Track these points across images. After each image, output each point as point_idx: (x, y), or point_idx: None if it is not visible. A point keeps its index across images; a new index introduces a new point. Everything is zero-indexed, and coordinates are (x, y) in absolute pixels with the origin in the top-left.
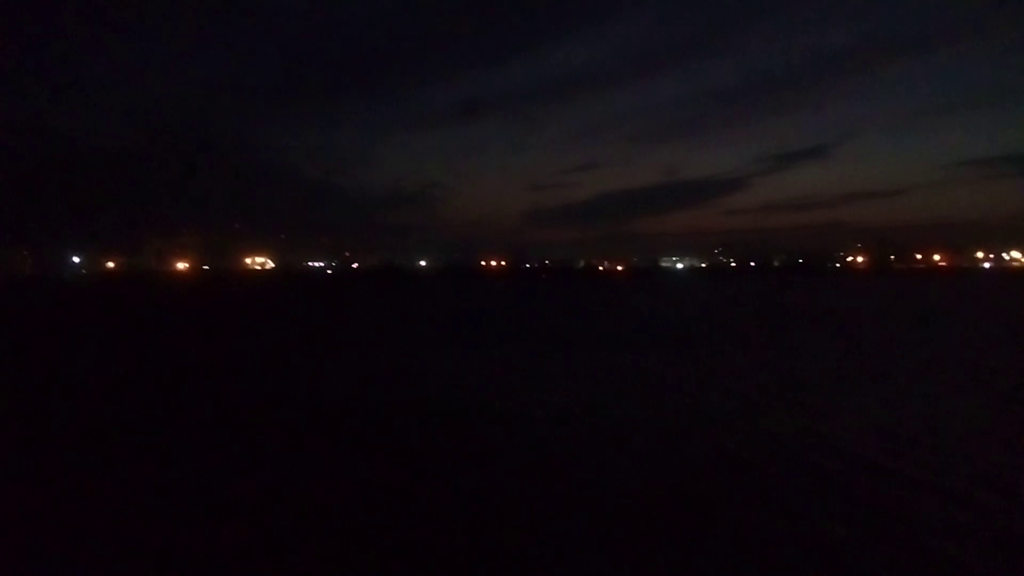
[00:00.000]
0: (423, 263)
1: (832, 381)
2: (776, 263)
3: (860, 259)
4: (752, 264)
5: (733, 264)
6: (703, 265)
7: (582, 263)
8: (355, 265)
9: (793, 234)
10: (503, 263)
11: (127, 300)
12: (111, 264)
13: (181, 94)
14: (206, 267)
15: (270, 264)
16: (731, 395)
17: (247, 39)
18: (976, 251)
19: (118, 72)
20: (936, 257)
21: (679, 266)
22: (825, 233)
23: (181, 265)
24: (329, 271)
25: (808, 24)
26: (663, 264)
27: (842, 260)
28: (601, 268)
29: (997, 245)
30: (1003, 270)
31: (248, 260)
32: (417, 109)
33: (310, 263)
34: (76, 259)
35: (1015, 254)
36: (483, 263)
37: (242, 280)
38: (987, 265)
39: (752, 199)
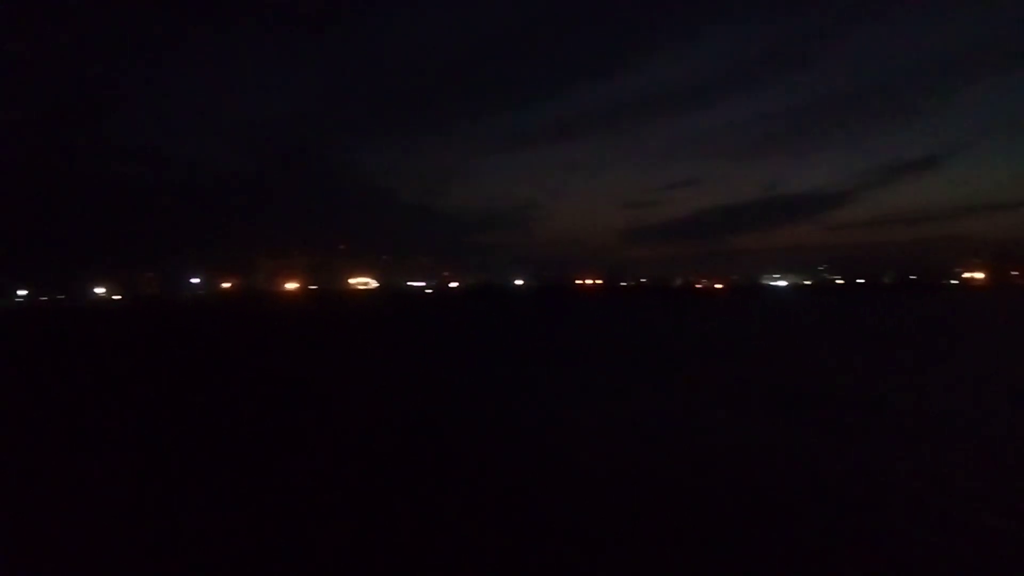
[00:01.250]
0: (519, 282)
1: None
2: (886, 280)
3: (978, 274)
4: (860, 281)
5: (840, 281)
6: (807, 283)
7: (679, 281)
8: (453, 285)
9: (904, 249)
10: (598, 281)
11: (246, 316)
12: (226, 284)
13: (290, 121)
14: (313, 287)
15: (373, 284)
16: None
17: (350, 66)
18: None
19: (232, 102)
20: None
21: (781, 284)
22: (939, 248)
23: (290, 285)
24: (429, 291)
25: (918, 31)
26: (765, 282)
27: (958, 276)
28: (699, 286)
29: None
30: None
31: (352, 280)
32: (511, 130)
33: (411, 283)
34: (195, 280)
35: None
36: (578, 281)
37: (347, 299)
38: None
39: (858, 213)
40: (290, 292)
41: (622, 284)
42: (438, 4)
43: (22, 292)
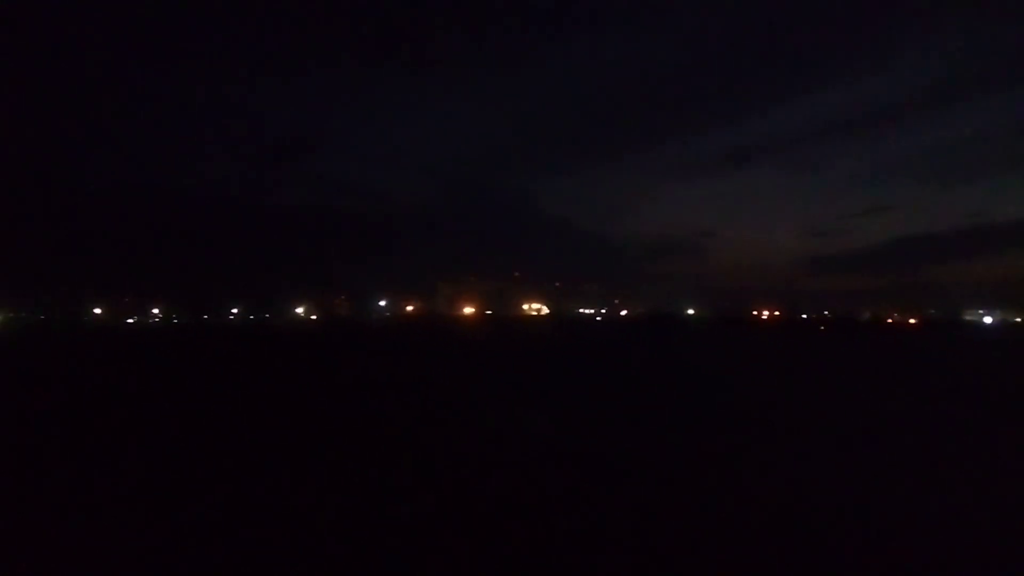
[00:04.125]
0: (691, 311)
1: None
2: None
3: None
4: None
5: None
6: (1019, 320)
7: (868, 314)
8: (624, 312)
9: None
10: (777, 313)
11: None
12: (410, 307)
13: (471, 154)
14: (489, 312)
15: (545, 310)
16: None
17: (527, 99)
18: None
19: (419, 135)
20: None
21: (987, 320)
22: None
23: (468, 309)
24: (599, 318)
25: None
26: (967, 317)
27: None
28: (890, 320)
29: None
30: None
31: (526, 306)
32: (687, 157)
33: (581, 310)
34: (382, 303)
35: None
36: (755, 312)
37: (520, 324)
38: None
39: None
40: (467, 316)
41: (803, 316)
42: (612, 35)
43: (234, 310)
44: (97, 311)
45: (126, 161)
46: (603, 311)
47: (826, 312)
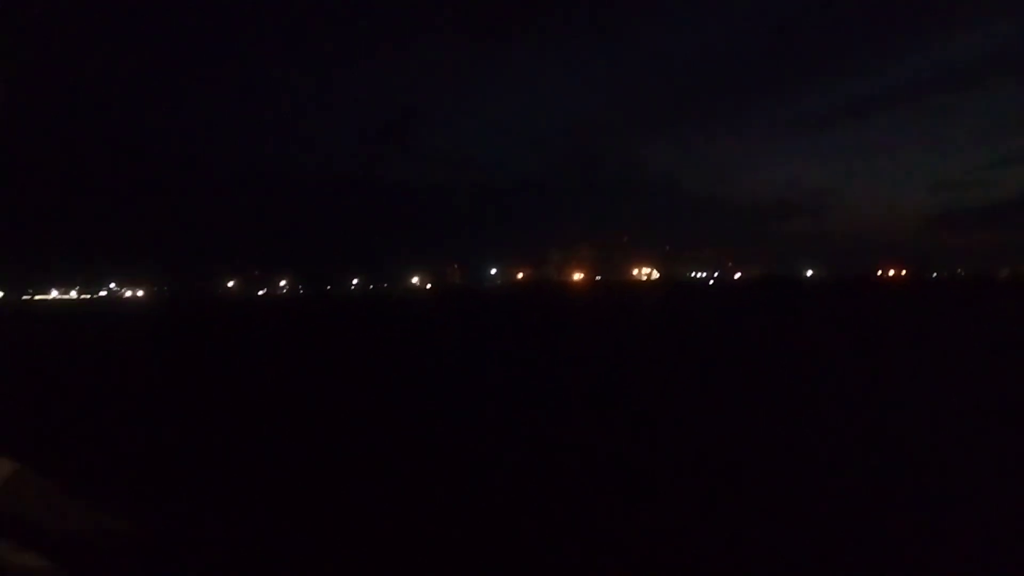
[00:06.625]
0: (810, 273)
1: None
2: None
3: None
4: None
5: None
6: None
7: (1005, 272)
8: (738, 275)
9: None
10: (903, 272)
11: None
12: (520, 275)
13: (577, 120)
14: (598, 277)
15: (655, 275)
16: None
17: (635, 61)
18: None
19: (526, 106)
20: None
21: None
22: None
23: (577, 276)
24: (711, 281)
25: None
26: None
27: None
28: None
29: None
30: None
31: (635, 271)
32: (802, 112)
33: (693, 274)
34: (493, 271)
35: None
36: (879, 272)
37: (630, 290)
38: None
39: None
40: (576, 282)
41: (933, 275)
42: None
43: (355, 281)
44: (230, 284)
45: (252, 146)
46: (716, 274)
47: (959, 270)
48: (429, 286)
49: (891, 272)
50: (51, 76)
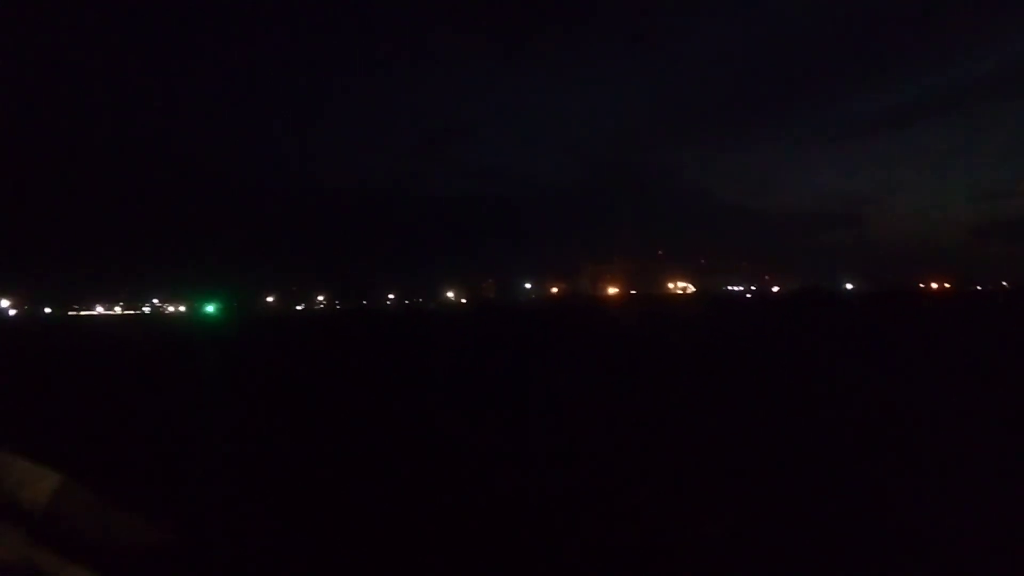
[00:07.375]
0: (849, 286)
1: None
2: None
3: None
4: None
5: None
6: None
7: None
8: (775, 289)
9: None
10: (946, 285)
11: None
12: (555, 289)
13: (612, 132)
14: (633, 292)
15: (691, 288)
16: None
17: (668, 73)
18: None
19: (560, 120)
20: None
21: None
22: None
23: (612, 290)
24: (748, 295)
25: None
26: None
27: None
28: None
29: None
30: None
31: (671, 285)
32: (841, 122)
33: (729, 287)
34: (527, 285)
35: None
36: (921, 285)
37: (667, 304)
38: None
39: None
40: (611, 297)
41: (976, 288)
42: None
43: (391, 296)
44: (269, 299)
45: (289, 164)
46: (753, 288)
47: (1004, 283)
48: (464, 301)
49: (933, 284)
50: (120, 102)
